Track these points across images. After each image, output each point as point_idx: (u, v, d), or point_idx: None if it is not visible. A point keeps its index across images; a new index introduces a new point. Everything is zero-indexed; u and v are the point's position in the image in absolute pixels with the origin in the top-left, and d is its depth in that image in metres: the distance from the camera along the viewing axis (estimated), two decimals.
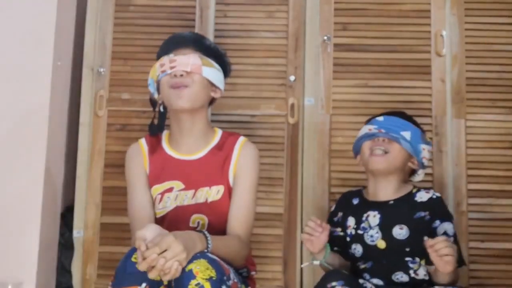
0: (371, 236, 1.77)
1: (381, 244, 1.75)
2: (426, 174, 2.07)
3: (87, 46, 2.26)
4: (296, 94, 2.21)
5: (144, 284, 1.42)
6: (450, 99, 2.18)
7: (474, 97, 2.19)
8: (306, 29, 2.24)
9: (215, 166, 1.75)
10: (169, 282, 1.44)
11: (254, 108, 2.21)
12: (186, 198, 1.73)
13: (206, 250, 1.51)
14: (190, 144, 1.78)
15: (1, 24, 2.06)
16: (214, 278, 1.40)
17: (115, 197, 2.16)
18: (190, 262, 1.42)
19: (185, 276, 1.40)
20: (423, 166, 1.86)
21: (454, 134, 2.16)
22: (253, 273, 1.81)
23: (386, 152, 1.78)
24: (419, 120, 2.06)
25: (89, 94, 2.23)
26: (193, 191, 1.74)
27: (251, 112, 2.21)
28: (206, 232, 1.54)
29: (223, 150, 1.77)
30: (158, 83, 1.77)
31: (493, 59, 2.20)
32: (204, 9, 2.26)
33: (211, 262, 1.44)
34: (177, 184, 1.74)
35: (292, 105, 2.20)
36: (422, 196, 1.78)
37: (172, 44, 1.77)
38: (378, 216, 1.79)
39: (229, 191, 1.75)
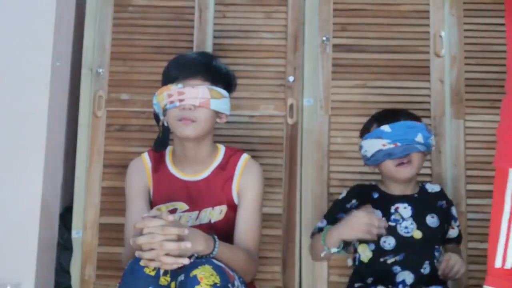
0: (406, 227, 1.78)
1: (417, 235, 1.77)
2: (425, 174, 2.08)
3: (86, 47, 2.26)
4: (295, 94, 2.21)
5: None
6: (449, 100, 2.18)
7: (473, 98, 2.19)
8: (305, 29, 2.24)
9: (218, 186, 1.76)
10: None
11: (253, 109, 2.21)
12: (190, 219, 1.73)
13: (211, 254, 1.51)
14: (194, 166, 1.78)
15: (0, 25, 2.06)
16: (218, 285, 1.41)
17: (114, 198, 2.16)
18: (195, 267, 1.43)
19: (189, 282, 1.40)
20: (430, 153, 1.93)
21: (453, 135, 2.16)
22: None
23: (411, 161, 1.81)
24: None
25: (88, 94, 2.23)
26: (197, 212, 1.75)
27: (250, 113, 2.20)
28: (215, 236, 1.55)
29: (226, 170, 1.77)
30: (164, 109, 1.75)
31: (492, 59, 2.19)
32: (203, 9, 2.26)
33: (216, 268, 1.44)
34: (181, 206, 1.75)
35: (291, 106, 2.20)
36: (433, 188, 1.89)
37: (180, 71, 1.74)
38: (409, 207, 1.82)
39: (231, 211, 1.75)
